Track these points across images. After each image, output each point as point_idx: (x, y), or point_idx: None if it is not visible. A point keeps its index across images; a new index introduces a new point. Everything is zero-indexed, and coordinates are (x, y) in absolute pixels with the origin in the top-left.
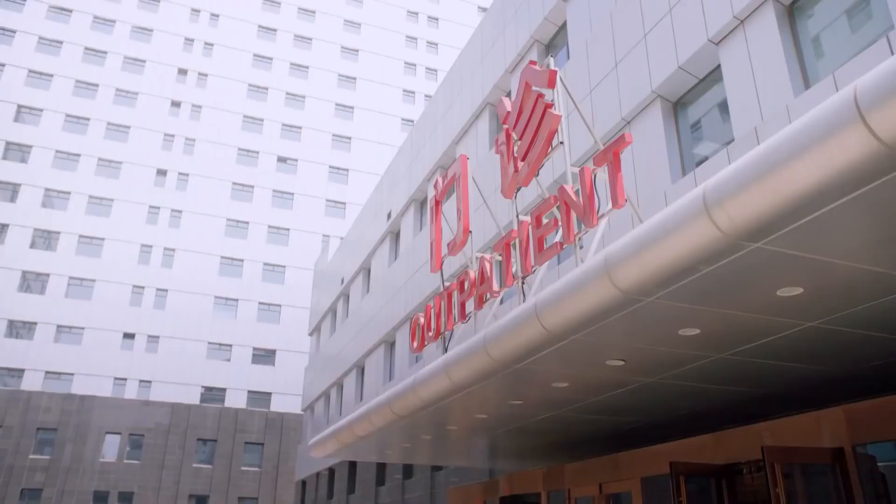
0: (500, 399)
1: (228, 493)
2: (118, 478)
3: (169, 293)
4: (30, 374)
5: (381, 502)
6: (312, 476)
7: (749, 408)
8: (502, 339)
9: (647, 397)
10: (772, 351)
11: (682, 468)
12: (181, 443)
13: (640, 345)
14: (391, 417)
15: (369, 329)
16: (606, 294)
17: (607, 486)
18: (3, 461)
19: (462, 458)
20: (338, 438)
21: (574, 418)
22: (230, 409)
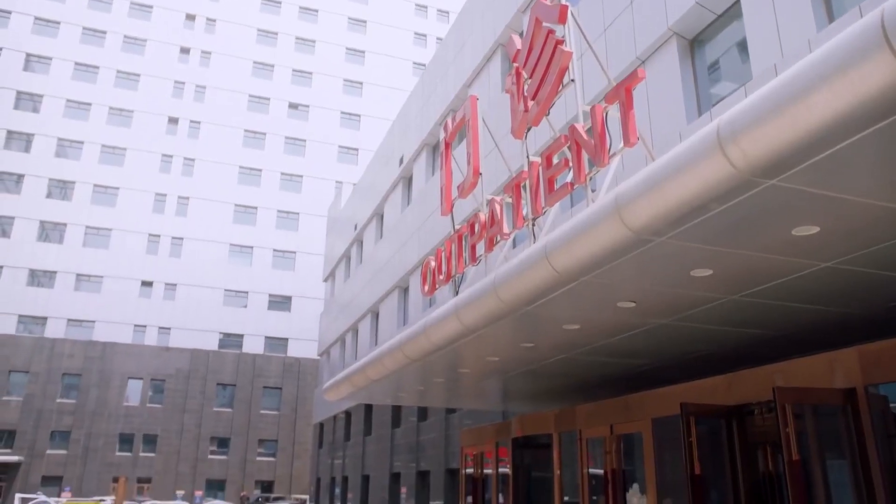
0: (511, 342)
1: (249, 435)
2: (142, 421)
3: (184, 241)
4: (52, 322)
5: (397, 444)
6: (330, 419)
7: (762, 350)
8: (512, 281)
9: (658, 340)
10: (786, 292)
11: (693, 409)
12: (201, 387)
13: (652, 286)
14: (403, 361)
15: (383, 274)
16: (617, 234)
17: (618, 427)
18: (32, 405)
19: (475, 400)
20: (351, 382)
21: (586, 361)
22: (248, 354)
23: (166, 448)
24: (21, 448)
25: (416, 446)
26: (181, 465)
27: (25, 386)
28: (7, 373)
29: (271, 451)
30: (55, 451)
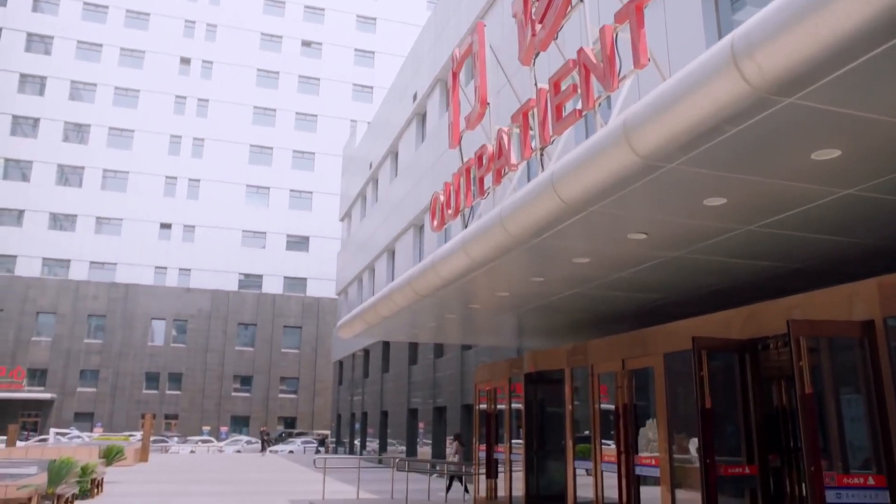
0: (521, 276)
1: (271, 373)
2: (166, 360)
3: (201, 183)
4: (76, 265)
5: (414, 380)
6: (349, 357)
7: (777, 284)
8: (518, 212)
9: (671, 273)
10: (803, 222)
11: (704, 343)
12: (223, 327)
13: (663, 217)
14: (413, 297)
15: (398, 213)
16: (625, 161)
17: (630, 362)
18: (61, 345)
19: (490, 336)
20: (363, 319)
21: (598, 295)
22: (268, 294)
23: (191, 386)
24: (53, 386)
25: (432, 382)
26: (206, 402)
27: (53, 327)
28: (35, 314)
29: (293, 389)
30: (85, 389)
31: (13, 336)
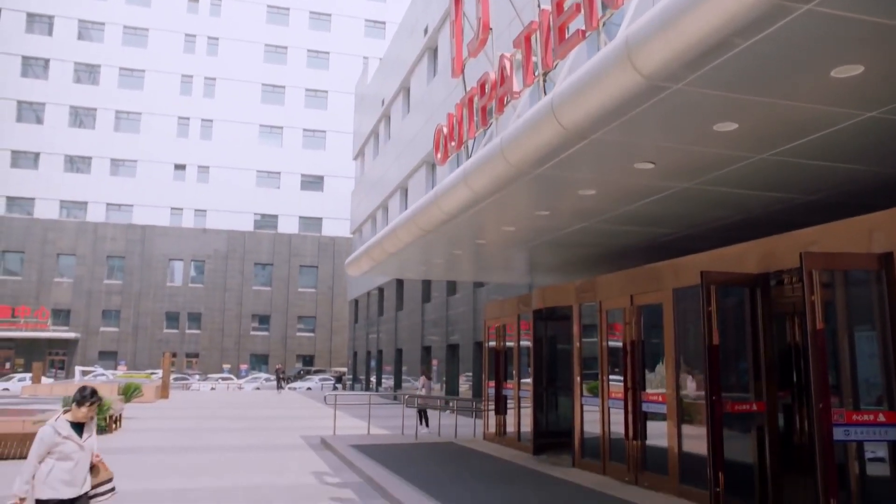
0: (526, 210)
1: (288, 312)
2: (185, 300)
3: (214, 123)
4: (93, 207)
5: (428, 318)
6: (364, 295)
7: (791, 217)
8: (519, 141)
9: (681, 206)
10: (820, 149)
11: (713, 277)
12: (240, 267)
13: (671, 144)
14: (417, 232)
15: (410, 150)
16: (628, 82)
17: (638, 298)
18: (82, 286)
19: (501, 274)
20: (370, 256)
21: (606, 230)
22: (283, 234)
23: (210, 325)
24: (76, 326)
25: (445, 320)
26: (225, 341)
27: (74, 268)
28: (56, 256)
29: (310, 328)
30: (108, 329)
31: (36, 277)
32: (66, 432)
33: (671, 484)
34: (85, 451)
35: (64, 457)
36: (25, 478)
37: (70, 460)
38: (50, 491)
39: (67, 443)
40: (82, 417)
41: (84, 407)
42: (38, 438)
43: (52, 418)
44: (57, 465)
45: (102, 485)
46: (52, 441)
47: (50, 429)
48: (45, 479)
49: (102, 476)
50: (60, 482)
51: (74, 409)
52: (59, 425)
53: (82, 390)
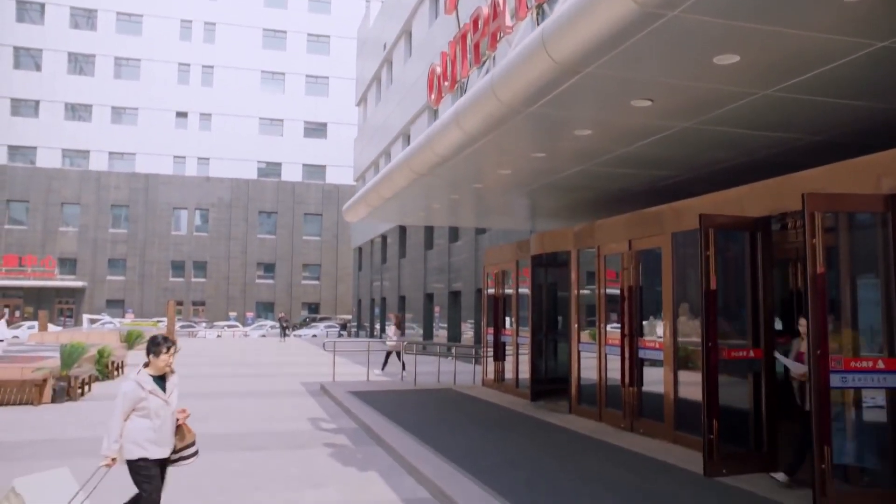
0: (521, 151)
1: (293, 260)
2: (190, 249)
3: (214, 69)
4: (95, 155)
5: (430, 265)
6: (367, 243)
7: (796, 159)
8: (509, 77)
9: (681, 147)
10: (827, 84)
11: (712, 221)
12: (244, 216)
13: (669, 79)
14: (411, 176)
15: (412, 95)
16: (621, 8)
17: (637, 243)
18: (87, 235)
19: (502, 219)
20: (367, 202)
21: (605, 173)
22: (287, 182)
23: (216, 273)
24: (83, 274)
25: (447, 267)
26: (231, 289)
27: (79, 217)
28: (60, 205)
29: (315, 275)
30: (114, 278)
31: (41, 227)
32: (150, 386)
33: (666, 431)
34: (170, 407)
35: (149, 414)
36: (113, 436)
37: (156, 418)
38: (138, 450)
39: (152, 398)
40: (163, 368)
41: (162, 356)
42: (122, 394)
43: (133, 372)
44: (143, 424)
45: (186, 448)
46: (135, 396)
47: (133, 383)
48: (133, 438)
49: (187, 438)
50: (147, 441)
51: (153, 361)
52: (142, 379)
53: (154, 339)
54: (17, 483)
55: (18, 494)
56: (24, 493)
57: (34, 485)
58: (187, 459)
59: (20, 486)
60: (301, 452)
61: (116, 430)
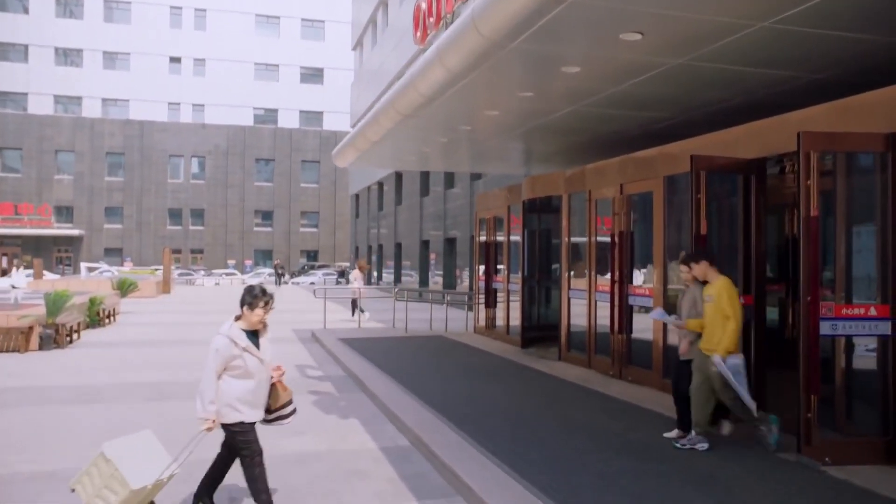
0: (507, 91)
1: (291, 208)
2: (188, 197)
3: (207, 13)
4: (88, 102)
5: (426, 212)
6: (364, 190)
7: (795, 99)
8: (491, 8)
9: (674, 86)
10: (830, 17)
11: (704, 162)
12: (241, 163)
13: (660, 9)
14: (397, 118)
15: (408, 38)
16: None
17: (628, 187)
18: (83, 183)
19: (496, 164)
20: (355, 146)
21: (597, 115)
22: (284, 129)
23: (213, 221)
24: (80, 223)
25: (443, 214)
26: (229, 236)
27: (73, 165)
28: (54, 153)
29: (313, 223)
30: (112, 226)
31: (35, 174)
32: (244, 343)
33: (654, 378)
34: (265, 365)
35: (244, 374)
36: (209, 397)
37: (250, 378)
38: (233, 413)
39: (246, 356)
40: (257, 323)
41: (258, 309)
42: (214, 350)
43: (223, 326)
44: (236, 384)
45: (283, 407)
46: (228, 353)
47: (225, 339)
48: (226, 400)
49: (283, 397)
50: (243, 403)
51: (247, 314)
52: (235, 334)
53: (251, 290)
54: (107, 448)
55: (109, 460)
56: (115, 459)
57: (124, 450)
58: (286, 419)
59: (110, 452)
60: None
61: (211, 389)
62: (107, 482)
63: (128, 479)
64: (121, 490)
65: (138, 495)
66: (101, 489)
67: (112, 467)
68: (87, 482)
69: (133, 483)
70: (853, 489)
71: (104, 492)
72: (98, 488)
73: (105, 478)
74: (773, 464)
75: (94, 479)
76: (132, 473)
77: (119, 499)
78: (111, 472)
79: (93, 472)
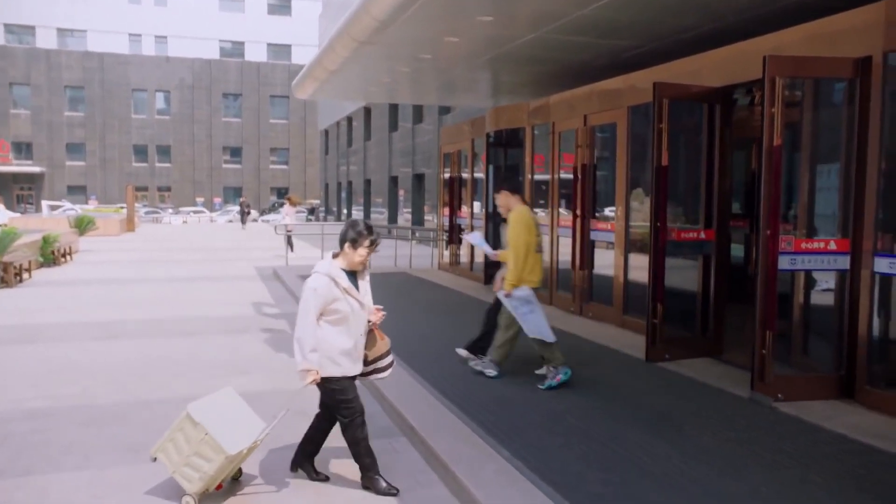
0: (465, 15)
1: (260, 144)
2: (153, 133)
3: None
4: (42, 32)
5: (395, 147)
6: (334, 125)
7: (769, 26)
8: None
9: (640, 11)
10: None
11: (667, 90)
12: (207, 98)
13: None
14: (352, 45)
15: None
16: None
17: (592, 118)
18: (41, 118)
19: (462, 96)
20: (313, 76)
21: (562, 42)
22: (251, 63)
23: (181, 158)
24: (40, 159)
25: (412, 150)
26: (197, 173)
27: (30, 99)
28: (8, 85)
29: (283, 160)
30: (74, 163)
31: None
32: (346, 283)
33: (615, 314)
34: (365, 310)
35: (343, 319)
36: (310, 344)
37: (347, 324)
38: (332, 367)
39: (347, 299)
40: (359, 263)
41: (362, 248)
42: (311, 290)
43: (320, 264)
44: (335, 332)
45: (381, 358)
46: (329, 295)
47: (325, 278)
48: (324, 351)
49: (381, 347)
50: (342, 354)
51: (348, 252)
52: (336, 273)
53: (355, 225)
54: (193, 410)
55: (197, 423)
56: (204, 421)
57: (210, 411)
58: (383, 372)
59: (197, 414)
60: (237, 338)
61: (310, 336)
62: (197, 448)
63: (222, 444)
64: (214, 456)
65: (233, 461)
66: (190, 457)
67: (201, 431)
68: (171, 449)
69: (229, 448)
70: (802, 425)
71: (194, 459)
72: (186, 456)
73: (194, 443)
74: (725, 402)
75: (179, 445)
76: (225, 437)
77: (213, 466)
78: (200, 437)
79: (177, 437)
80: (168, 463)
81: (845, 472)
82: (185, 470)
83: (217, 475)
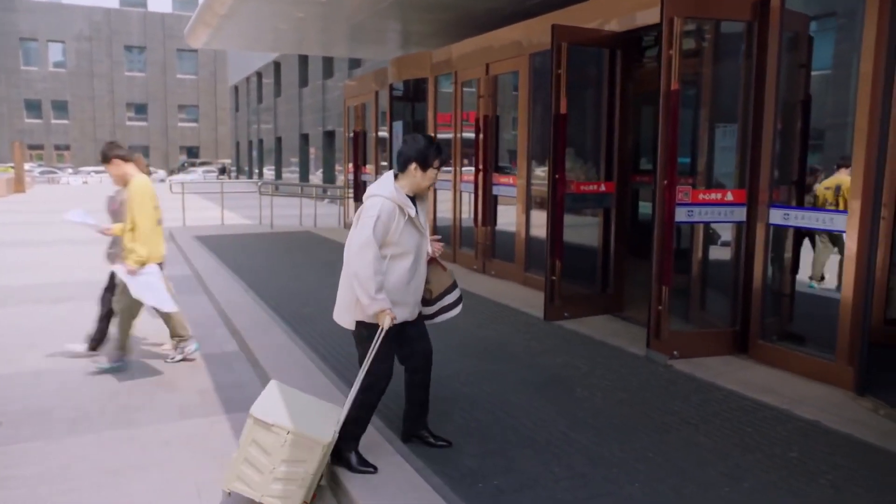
0: None
1: (167, 101)
2: (47, 87)
3: None
4: None
5: (305, 104)
6: (243, 81)
7: None
8: None
9: None
10: None
11: (566, 34)
12: (107, 50)
13: None
14: None
15: None
16: None
17: (494, 67)
18: None
19: (367, 47)
20: (204, 22)
21: None
22: (155, 13)
23: (80, 115)
24: None
25: (322, 106)
26: (98, 131)
27: None
28: None
29: (193, 117)
30: None
31: None
32: (413, 211)
33: (517, 272)
34: (426, 242)
35: (405, 254)
36: (377, 281)
37: (411, 258)
38: (401, 310)
39: (411, 230)
40: (427, 188)
41: (431, 169)
42: (373, 218)
43: (379, 187)
44: (396, 268)
45: (447, 293)
46: (392, 225)
47: (391, 203)
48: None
49: (444, 281)
50: (405, 295)
51: (414, 174)
52: (401, 198)
53: (421, 141)
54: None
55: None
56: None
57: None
58: (450, 310)
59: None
60: None
61: (375, 271)
62: (286, 455)
63: (313, 435)
64: (308, 455)
65: (328, 449)
66: (278, 467)
67: (282, 433)
68: (248, 472)
69: (322, 436)
70: (695, 383)
71: (283, 469)
72: (273, 470)
73: (276, 451)
74: (622, 361)
75: (257, 461)
76: (311, 427)
77: (312, 465)
78: (284, 440)
79: (251, 453)
80: (249, 490)
81: (733, 431)
82: (275, 487)
83: (317, 473)
